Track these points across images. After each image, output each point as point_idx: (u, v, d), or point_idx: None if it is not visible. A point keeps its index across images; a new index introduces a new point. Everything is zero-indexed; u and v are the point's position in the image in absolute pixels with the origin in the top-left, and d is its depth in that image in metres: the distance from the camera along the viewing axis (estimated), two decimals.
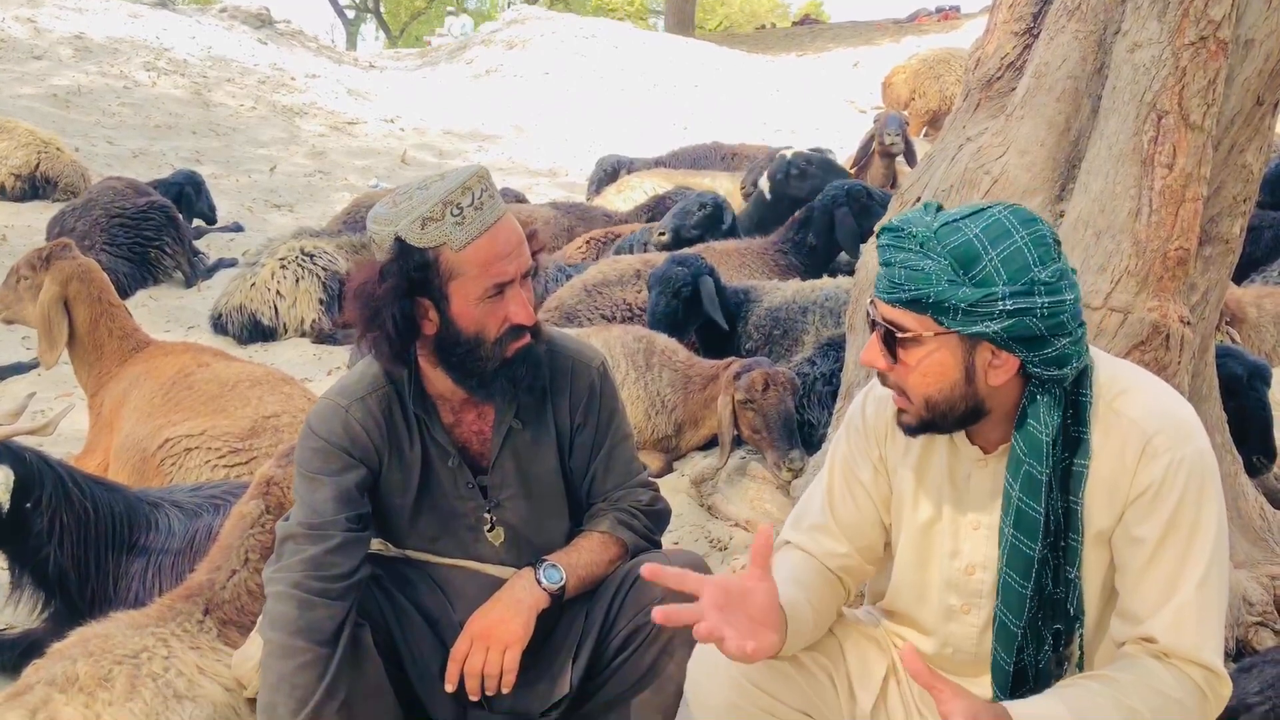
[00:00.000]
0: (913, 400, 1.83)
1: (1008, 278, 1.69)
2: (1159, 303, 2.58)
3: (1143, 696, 1.72)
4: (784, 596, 1.87)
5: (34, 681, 2.27)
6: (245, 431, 3.66)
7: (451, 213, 2.08)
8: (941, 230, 1.73)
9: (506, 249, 2.13)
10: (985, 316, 1.70)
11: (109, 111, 12.70)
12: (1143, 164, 2.57)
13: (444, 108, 16.52)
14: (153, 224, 7.17)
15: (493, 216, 2.12)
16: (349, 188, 11.18)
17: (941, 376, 1.79)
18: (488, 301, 2.13)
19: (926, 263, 1.72)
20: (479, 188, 2.11)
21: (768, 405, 4.05)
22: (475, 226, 2.09)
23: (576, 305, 5.38)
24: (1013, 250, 1.70)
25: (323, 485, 2.23)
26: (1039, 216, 1.77)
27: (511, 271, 2.13)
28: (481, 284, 2.12)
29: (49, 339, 4.17)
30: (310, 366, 5.91)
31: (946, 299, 1.71)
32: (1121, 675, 1.75)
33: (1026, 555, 1.81)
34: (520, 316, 2.16)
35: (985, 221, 1.72)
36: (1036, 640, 1.87)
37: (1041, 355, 1.73)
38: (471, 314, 2.14)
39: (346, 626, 2.18)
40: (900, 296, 1.75)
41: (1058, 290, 1.70)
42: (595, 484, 2.43)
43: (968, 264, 1.70)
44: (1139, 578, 1.78)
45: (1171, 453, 1.75)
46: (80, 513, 2.96)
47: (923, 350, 1.78)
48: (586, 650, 2.36)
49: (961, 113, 3.22)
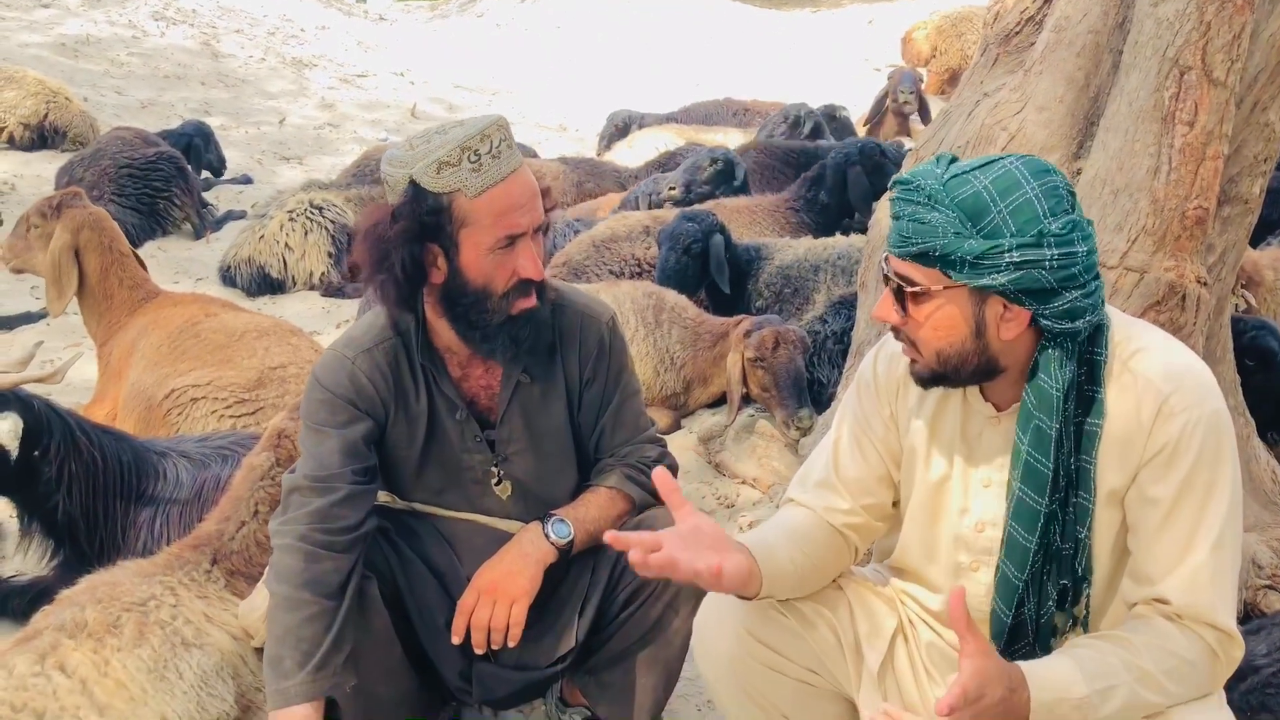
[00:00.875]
0: (924, 354, 1.83)
1: (1016, 229, 1.67)
2: (1176, 262, 2.55)
3: (1154, 657, 1.71)
4: (755, 540, 1.90)
5: (43, 627, 2.29)
6: (252, 382, 3.66)
7: (469, 159, 2.05)
8: (951, 182, 1.71)
9: (521, 200, 2.10)
10: (992, 269, 1.69)
11: (117, 61, 12.61)
12: (1163, 121, 2.53)
13: (454, 61, 16.37)
14: (161, 175, 7.13)
15: (509, 167, 2.09)
16: (358, 140, 11.10)
17: (951, 330, 1.78)
18: (498, 253, 2.11)
19: (934, 215, 1.71)
20: (498, 136, 2.08)
21: (778, 364, 4.03)
22: (491, 175, 2.07)
23: (585, 261, 5.35)
24: (1022, 201, 1.68)
25: (329, 438, 2.22)
26: (1053, 167, 1.74)
27: (524, 224, 2.11)
28: (493, 234, 2.09)
29: (58, 287, 4.16)
30: (319, 320, 5.90)
31: (953, 251, 1.70)
32: (1133, 636, 1.75)
33: (1033, 509, 1.80)
34: (529, 271, 2.13)
35: (995, 173, 1.71)
36: (1039, 595, 1.86)
37: (1052, 308, 1.72)
38: (480, 264, 2.12)
39: (353, 579, 2.18)
40: (909, 250, 1.74)
41: (1069, 242, 1.68)
42: (603, 439, 2.42)
43: (976, 216, 1.69)
44: (1152, 538, 1.77)
45: (1188, 412, 1.73)
46: (89, 461, 2.97)
47: (932, 304, 1.77)
48: (593, 604, 2.36)
49: (979, 68, 3.17)
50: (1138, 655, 1.71)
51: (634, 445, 2.43)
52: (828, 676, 2.02)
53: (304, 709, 2.08)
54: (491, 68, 16.13)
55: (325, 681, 2.10)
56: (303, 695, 2.08)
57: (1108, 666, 1.71)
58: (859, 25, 18.43)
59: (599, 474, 2.42)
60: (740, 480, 4.10)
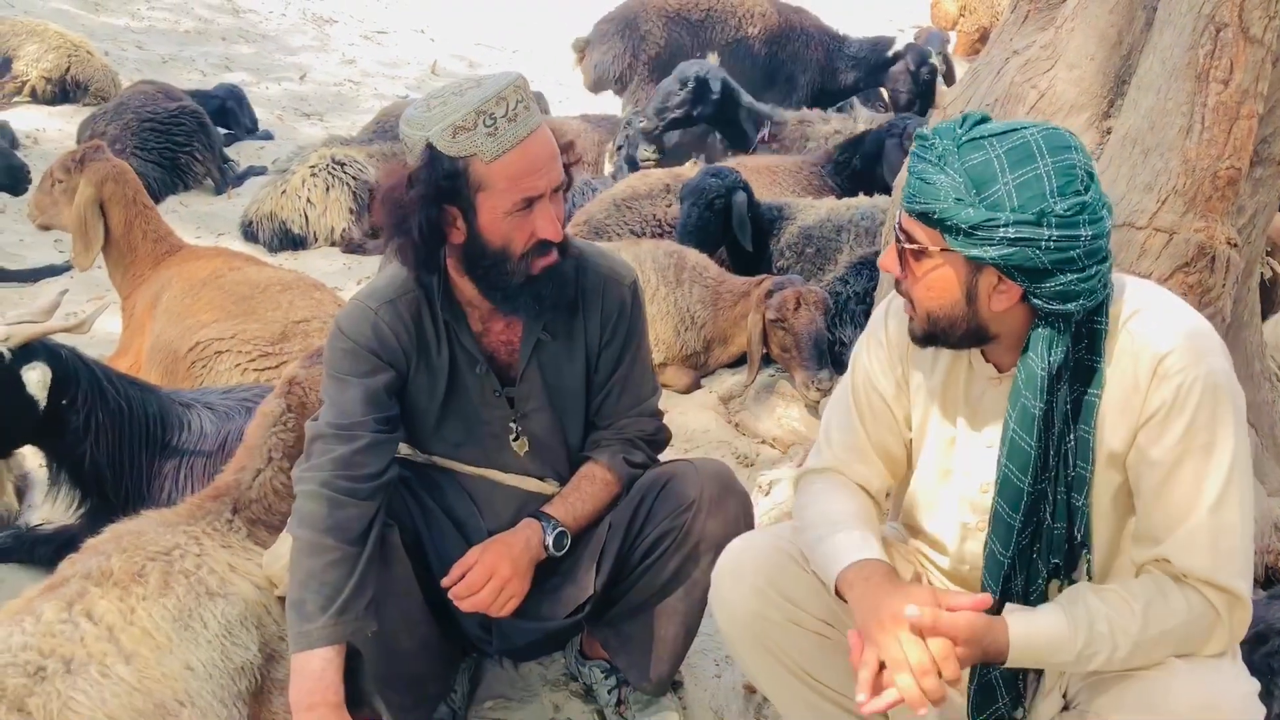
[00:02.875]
0: (917, 311, 1.83)
1: (1018, 204, 1.65)
2: (1206, 224, 2.51)
3: (1147, 613, 1.72)
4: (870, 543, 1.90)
5: (70, 575, 2.31)
6: (275, 335, 3.67)
7: (484, 123, 2.04)
8: (965, 145, 1.69)
9: (538, 164, 2.09)
10: (985, 241, 1.67)
11: (139, 16, 12.57)
12: (1197, 79, 2.48)
13: (475, 17, 16.26)
14: (183, 129, 7.12)
15: (526, 129, 2.07)
16: (379, 97, 11.05)
17: (944, 292, 1.77)
18: (516, 215, 2.10)
19: (940, 177, 1.69)
20: (514, 98, 2.06)
21: (799, 325, 4.02)
22: (508, 139, 2.05)
23: (605, 219, 5.33)
24: (1031, 177, 1.65)
25: (351, 386, 2.23)
26: (1077, 144, 1.70)
27: (542, 186, 2.10)
28: (510, 197, 2.08)
29: (84, 240, 4.17)
30: (340, 276, 5.91)
31: (951, 217, 1.68)
32: (1127, 590, 1.76)
33: (1016, 487, 1.80)
34: (547, 232, 2.12)
35: (1012, 143, 1.67)
36: (1028, 571, 1.86)
37: (1044, 288, 1.70)
38: (499, 227, 2.11)
39: (375, 526, 2.20)
40: (914, 207, 1.74)
41: (1073, 225, 1.65)
42: (606, 402, 2.42)
43: (981, 185, 1.67)
44: (1153, 499, 1.76)
45: (1184, 373, 1.71)
46: (115, 411, 2.99)
47: (930, 263, 1.76)
48: (611, 555, 2.38)
49: (1009, 25, 3.12)
50: (1128, 608, 1.72)
51: (632, 418, 2.44)
52: (842, 629, 2.02)
53: (326, 652, 2.10)
54: (512, 24, 16.01)
55: (348, 626, 2.12)
56: (325, 639, 2.10)
57: (1095, 617, 1.72)
58: None
59: (596, 446, 2.43)
60: (760, 440, 4.10)
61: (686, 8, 7.93)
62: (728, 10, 7.94)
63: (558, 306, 2.25)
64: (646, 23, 7.86)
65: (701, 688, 2.77)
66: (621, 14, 8.01)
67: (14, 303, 5.24)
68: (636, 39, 7.84)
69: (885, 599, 1.75)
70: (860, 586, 1.81)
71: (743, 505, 2.40)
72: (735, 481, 2.42)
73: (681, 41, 7.90)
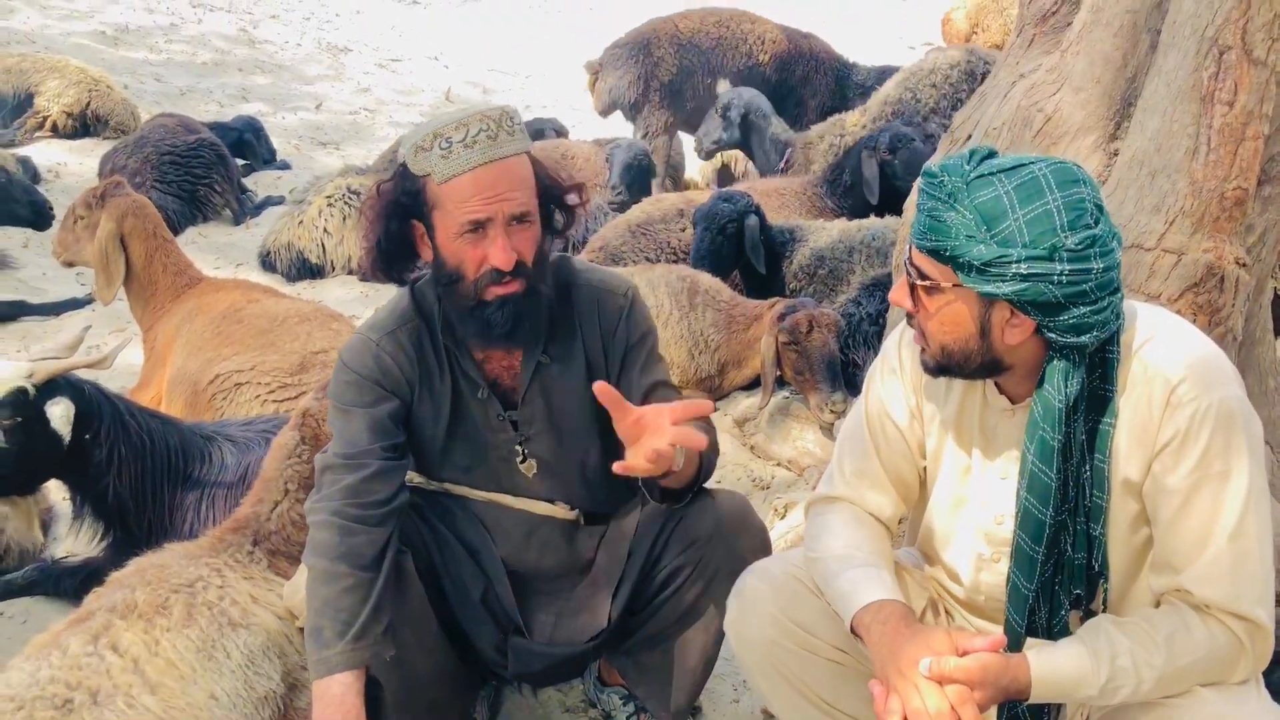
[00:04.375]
0: (930, 345, 1.84)
1: (1029, 240, 1.65)
2: (1214, 244, 2.52)
3: (1170, 645, 1.72)
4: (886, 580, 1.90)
5: (95, 608, 2.34)
6: (294, 367, 3.71)
7: (440, 145, 2.10)
8: (975, 182, 1.70)
9: (487, 190, 2.10)
10: (998, 277, 1.68)
11: (157, 49, 12.74)
12: (1202, 101, 2.50)
13: (488, 44, 16.40)
14: (202, 161, 7.22)
15: (484, 157, 2.09)
16: (394, 125, 11.16)
17: (957, 327, 1.78)
18: (465, 237, 2.13)
19: (951, 214, 1.70)
20: (479, 126, 2.09)
21: (811, 347, 4.04)
22: (459, 164, 2.09)
23: (620, 245, 5.37)
24: (1041, 212, 1.66)
25: (356, 416, 2.27)
26: (1085, 177, 1.71)
27: (487, 213, 2.11)
28: (456, 219, 2.12)
29: (106, 275, 4.24)
30: (357, 304, 5.96)
31: (962, 254, 1.69)
32: (1149, 622, 1.75)
33: (1038, 519, 1.80)
34: (497, 260, 2.13)
35: (1021, 178, 1.68)
36: (1050, 603, 1.86)
37: (1058, 322, 1.70)
38: (451, 248, 2.16)
39: (388, 552, 2.22)
40: (924, 244, 1.75)
41: (1084, 258, 1.66)
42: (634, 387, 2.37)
43: (992, 221, 1.67)
44: (1170, 528, 1.76)
45: (1197, 401, 1.72)
46: (137, 444, 3.03)
47: (942, 299, 1.77)
48: (628, 585, 2.39)
49: (1015, 48, 3.15)
50: (1152, 641, 1.72)
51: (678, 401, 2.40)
52: (857, 655, 2.04)
53: (345, 677, 2.12)
54: (525, 50, 16.14)
55: (365, 650, 2.15)
56: (343, 664, 2.12)
57: (1117, 651, 1.72)
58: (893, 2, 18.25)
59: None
60: (775, 462, 4.11)
61: (698, 35, 7.99)
62: (738, 37, 8.00)
63: (511, 336, 2.22)
64: (659, 48, 7.92)
65: (720, 713, 2.78)
66: (634, 39, 8.08)
67: (37, 336, 5.32)
68: (649, 64, 7.89)
69: (903, 645, 1.76)
70: (877, 630, 1.81)
71: (760, 537, 2.41)
72: (752, 513, 2.43)
73: (693, 67, 7.95)
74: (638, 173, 6.66)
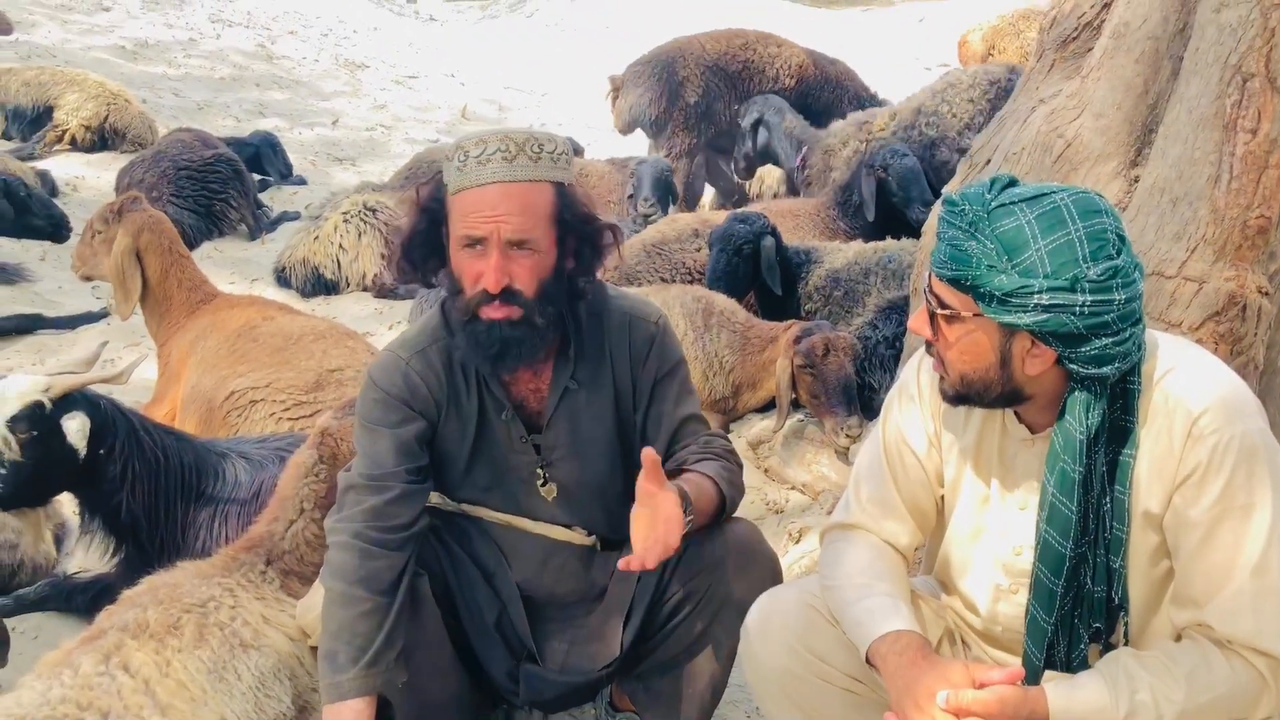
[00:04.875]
0: (950, 374, 1.82)
1: (1051, 270, 1.64)
2: (1236, 272, 2.50)
3: (1191, 680, 1.70)
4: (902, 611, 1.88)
5: (107, 627, 2.34)
6: (309, 384, 3.71)
7: (458, 157, 2.13)
8: (996, 211, 1.69)
9: (487, 209, 2.10)
10: (1019, 308, 1.67)
11: (176, 63, 12.84)
12: (1224, 129, 2.49)
13: (504, 61, 16.49)
14: (219, 176, 7.26)
15: (493, 176, 2.10)
16: (410, 141, 11.22)
17: (977, 357, 1.77)
18: (465, 251, 2.15)
19: (971, 244, 1.69)
20: (497, 146, 2.11)
21: (827, 371, 4.02)
22: (470, 178, 2.11)
23: (636, 266, 5.37)
24: (1063, 242, 1.65)
25: (383, 437, 2.27)
26: (1107, 207, 1.70)
27: (483, 230, 2.11)
28: (458, 230, 2.15)
29: (123, 290, 4.26)
30: (372, 321, 5.98)
31: (984, 284, 1.68)
32: (1169, 657, 1.73)
33: (1058, 552, 1.78)
34: (486, 280, 2.13)
35: (1043, 208, 1.67)
36: (1069, 637, 1.84)
37: (1079, 353, 1.69)
38: (455, 259, 2.19)
39: (405, 576, 2.22)
40: (944, 273, 1.74)
41: (1106, 289, 1.65)
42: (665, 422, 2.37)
43: (1013, 251, 1.67)
44: (1192, 562, 1.74)
45: (1219, 433, 1.70)
46: (151, 460, 3.03)
47: (962, 328, 1.76)
48: (639, 614, 2.37)
49: (1035, 74, 3.14)
50: (1171, 676, 1.70)
51: (709, 436, 2.39)
52: (872, 686, 2.01)
53: (357, 703, 2.12)
54: (541, 68, 16.21)
55: (378, 676, 2.15)
56: (356, 690, 2.12)
57: (1137, 686, 1.70)
58: (909, 24, 18.28)
59: (697, 459, 2.32)
60: (789, 486, 4.09)
61: (725, 59, 7.95)
62: (765, 62, 7.97)
63: (500, 360, 2.21)
64: (684, 69, 7.87)
65: None
66: (658, 57, 8.04)
67: (53, 349, 5.34)
68: (674, 85, 7.87)
69: (920, 677, 1.74)
70: (893, 661, 1.80)
71: (770, 566, 2.38)
72: (762, 542, 2.40)
73: (719, 91, 7.92)
74: (667, 186, 6.75)
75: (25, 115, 8.70)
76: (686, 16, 17.93)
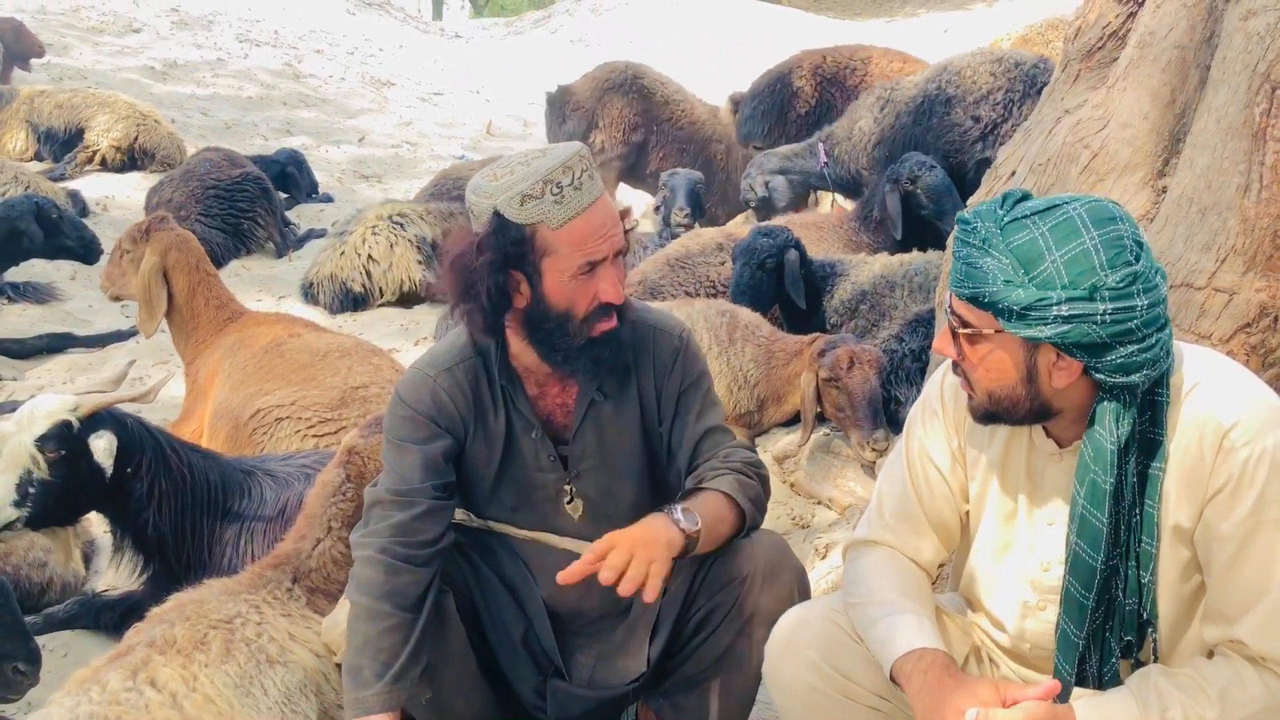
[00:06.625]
0: (977, 392, 1.81)
1: (1068, 281, 1.63)
2: (1267, 283, 2.47)
3: (1224, 699, 1.67)
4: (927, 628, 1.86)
5: (135, 643, 2.36)
6: (335, 402, 3.73)
7: (551, 191, 2.10)
8: (1009, 226, 1.68)
9: (601, 229, 2.15)
10: (1039, 321, 1.65)
11: (204, 83, 13.00)
12: (1253, 138, 2.46)
13: (529, 77, 16.57)
14: (246, 195, 7.33)
15: (590, 197, 2.14)
16: (436, 158, 11.28)
17: (1002, 374, 1.75)
18: (579, 278, 2.15)
19: (987, 260, 1.68)
20: (579, 167, 2.13)
21: (853, 384, 3.99)
22: (573, 206, 2.12)
23: (660, 280, 5.37)
24: (1079, 252, 1.63)
25: (410, 453, 2.27)
26: (1122, 214, 1.68)
27: (605, 251, 2.16)
28: (575, 261, 2.14)
29: (149, 308, 4.30)
30: (398, 337, 6.00)
31: (1001, 300, 1.67)
32: (1200, 675, 1.71)
33: (1089, 565, 1.76)
34: (610, 295, 2.17)
35: (1055, 219, 1.66)
36: (1101, 650, 1.82)
37: (1105, 362, 1.67)
38: (563, 290, 2.16)
39: (431, 592, 2.23)
40: (963, 291, 1.73)
41: (1126, 296, 1.63)
42: (686, 434, 2.36)
43: (1029, 264, 1.65)
44: (1224, 577, 1.72)
45: (1251, 446, 1.67)
46: (178, 479, 3.05)
47: (985, 346, 1.75)
48: (665, 628, 2.36)
49: (1060, 84, 3.12)
50: (1203, 694, 1.68)
51: (731, 448, 2.37)
52: (898, 703, 1.99)
53: (382, 719, 2.12)
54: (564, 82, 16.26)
55: (403, 692, 2.15)
56: (381, 705, 2.13)
57: (1168, 704, 1.67)
58: (934, 35, 18.24)
59: (714, 475, 2.30)
60: (815, 500, 4.07)
61: (842, 72, 7.78)
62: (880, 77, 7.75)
63: (615, 368, 2.28)
64: (799, 80, 7.76)
65: None
66: (776, 69, 7.95)
67: (83, 367, 5.40)
68: (787, 94, 7.76)
69: (948, 695, 1.72)
70: (918, 679, 1.78)
71: (797, 579, 2.36)
72: (790, 554, 2.39)
73: (832, 103, 7.72)
74: (700, 197, 6.89)
75: (58, 137, 8.83)
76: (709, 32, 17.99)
